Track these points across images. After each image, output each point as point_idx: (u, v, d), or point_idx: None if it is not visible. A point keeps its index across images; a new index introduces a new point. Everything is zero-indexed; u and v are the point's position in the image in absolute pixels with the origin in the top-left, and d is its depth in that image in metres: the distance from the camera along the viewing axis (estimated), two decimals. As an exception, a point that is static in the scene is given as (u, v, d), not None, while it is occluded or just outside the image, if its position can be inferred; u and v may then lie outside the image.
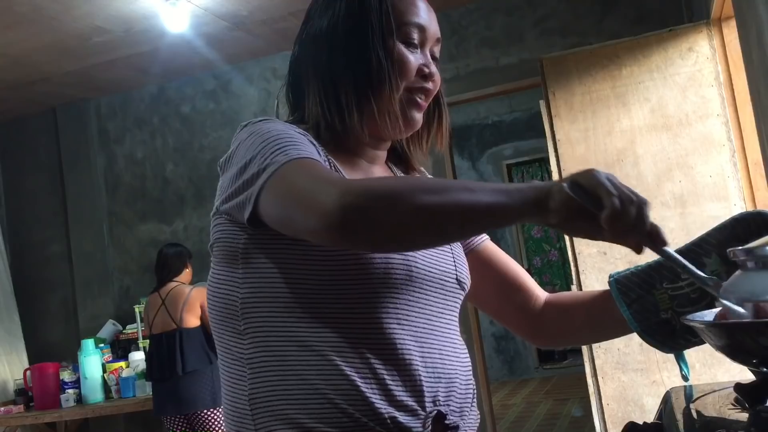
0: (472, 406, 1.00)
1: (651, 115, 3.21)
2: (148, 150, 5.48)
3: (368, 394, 0.87)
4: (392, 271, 0.92)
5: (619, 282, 1.02)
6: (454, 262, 1.04)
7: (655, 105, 3.21)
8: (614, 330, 1.11)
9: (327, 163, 0.96)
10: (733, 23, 2.89)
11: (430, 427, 0.91)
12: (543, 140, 4.26)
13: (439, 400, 0.93)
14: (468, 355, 1.02)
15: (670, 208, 3.10)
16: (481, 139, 8.07)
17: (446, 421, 0.93)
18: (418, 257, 0.96)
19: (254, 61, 5.16)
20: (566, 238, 3.30)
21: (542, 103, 3.74)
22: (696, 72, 3.17)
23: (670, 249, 0.84)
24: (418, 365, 0.92)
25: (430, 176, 1.20)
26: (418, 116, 1.03)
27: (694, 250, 0.98)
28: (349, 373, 0.88)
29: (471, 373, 1.01)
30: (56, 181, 5.60)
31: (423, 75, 1.01)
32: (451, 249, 1.05)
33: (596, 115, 3.27)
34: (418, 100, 1.01)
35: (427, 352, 0.94)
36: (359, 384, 0.88)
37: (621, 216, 0.76)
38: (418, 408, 0.90)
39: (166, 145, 5.43)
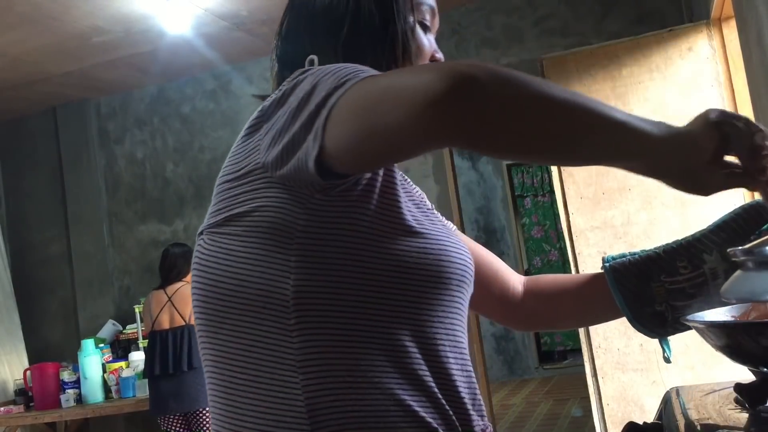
0: None
1: (651, 116, 3.20)
2: (148, 150, 5.48)
3: (445, 405, 0.80)
4: (466, 268, 0.86)
5: (615, 270, 1.01)
6: None
7: (655, 105, 3.21)
8: (597, 319, 1.12)
9: None
10: (733, 23, 2.89)
11: None
12: (543, 140, 4.25)
13: (483, 412, 0.87)
14: None
15: (670, 208, 3.10)
16: (481, 139, 8.06)
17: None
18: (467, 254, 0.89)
19: (254, 61, 5.16)
20: (566, 237, 3.29)
21: (542, 103, 3.73)
22: (696, 72, 3.17)
23: None
24: (472, 375, 0.86)
25: None
26: None
27: (695, 246, 0.98)
28: (426, 379, 0.79)
29: None
30: (56, 181, 5.60)
31: (434, 60, 0.97)
32: None
33: (596, 115, 3.27)
34: None
35: (466, 355, 0.89)
36: (436, 392, 0.79)
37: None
38: (478, 420, 0.85)
39: (166, 145, 5.43)
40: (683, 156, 0.74)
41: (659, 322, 0.98)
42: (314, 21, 0.93)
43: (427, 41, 0.96)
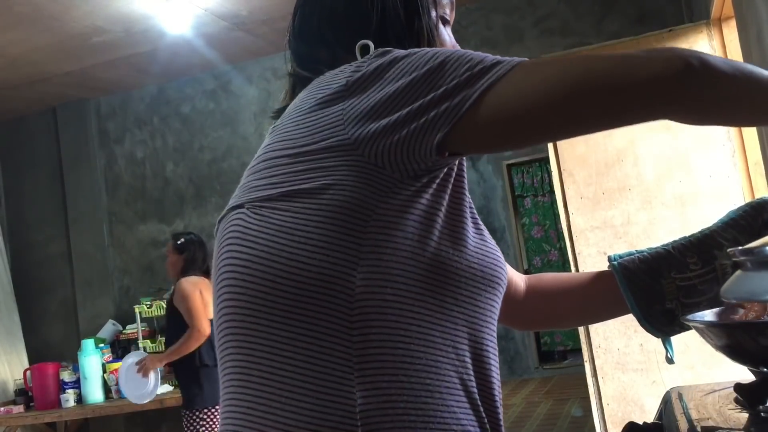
0: None
1: (651, 115, 3.21)
2: (148, 150, 5.48)
3: (483, 413, 0.79)
4: (505, 272, 0.86)
5: (625, 268, 1.00)
6: None
7: (655, 105, 3.20)
8: (600, 317, 1.11)
9: None
10: (733, 23, 2.89)
11: None
12: (543, 140, 4.25)
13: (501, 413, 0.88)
14: None
15: (670, 208, 3.10)
16: (481, 139, 8.07)
17: None
18: None
19: (254, 61, 5.16)
20: (566, 237, 3.29)
21: (542, 103, 3.73)
22: (696, 72, 3.16)
23: None
24: (499, 376, 0.86)
25: None
26: None
27: (705, 242, 0.97)
28: (470, 384, 0.77)
29: None
30: (56, 181, 5.60)
31: None
32: None
33: (596, 115, 3.27)
34: None
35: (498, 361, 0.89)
36: (477, 398, 0.78)
37: None
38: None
39: (166, 145, 5.43)
40: None
41: (668, 320, 0.97)
42: (337, 19, 0.91)
43: (448, 36, 0.96)
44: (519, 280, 1.11)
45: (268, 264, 0.72)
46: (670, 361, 1.01)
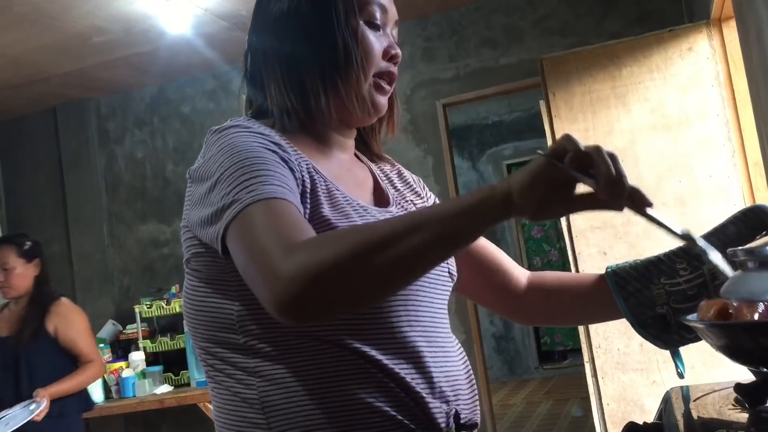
0: (476, 399, 0.99)
1: (651, 116, 3.21)
2: (148, 150, 5.48)
3: (401, 393, 0.86)
4: None
5: (617, 274, 1.02)
6: None
7: (655, 105, 3.21)
8: (598, 317, 1.14)
9: (300, 164, 0.90)
10: (733, 23, 2.89)
11: (453, 426, 0.90)
12: (543, 140, 4.26)
13: (448, 398, 0.91)
14: (461, 349, 1.02)
15: (670, 208, 3.10)
16: (481, 139, 8.07)
17: (461, 419, 0.92)
18: None
19: (254, 61, 5.16)
20: (566, 238, 3.29)
21: (542, 103, 3.74)
22: (696, 72, 3.17)
23: (652, 211, 0.75)
24: (429, 364, 0.90)
25: (397, 166, 1.14)
26: (384, 101, 0.99)
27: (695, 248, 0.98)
28: (373, 371, 0.86)
29: (470, 367, 1.00)
30: (56, 181, 5.60)
31: (390, 57, 0.98)
32: None
33: (596, 115, 3.27)
34: (383, 84, 0.98)
35: (435, 351, 0.93)
36: (387, 381, 0.86)
37: (617, 179, 0.70)
38: (440, 406, 0.89)
39: (166, 145, 5.43)
40: (508, 215, 0.75)
41: (662, 326, 0.99)
42: (265, 32, 1.00)
43: (377, 40, 0.96)
44: (521, 275, 1.13)
45: (191, 312, 0.94)
46: (681, 375, 1.02)
